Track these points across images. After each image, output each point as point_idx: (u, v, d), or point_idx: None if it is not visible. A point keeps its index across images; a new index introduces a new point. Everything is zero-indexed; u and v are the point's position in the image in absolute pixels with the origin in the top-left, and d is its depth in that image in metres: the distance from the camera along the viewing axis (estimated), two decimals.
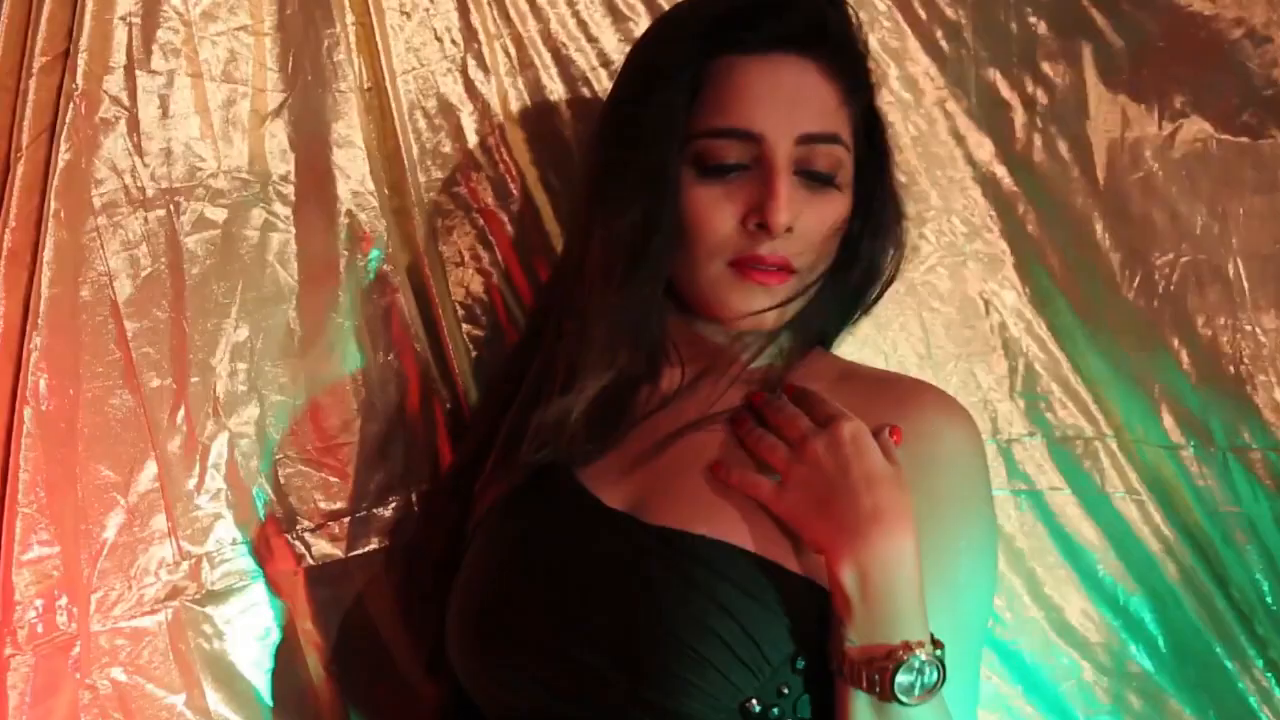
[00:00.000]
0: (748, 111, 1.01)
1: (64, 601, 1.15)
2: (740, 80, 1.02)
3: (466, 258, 1.32)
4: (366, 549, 1.27)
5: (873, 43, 1.21)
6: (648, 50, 1.11)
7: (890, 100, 1.27)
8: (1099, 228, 1.25)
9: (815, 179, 1.03)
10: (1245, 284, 1.21)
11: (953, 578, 0.99)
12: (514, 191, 1.32)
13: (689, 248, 1.03)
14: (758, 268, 1.02)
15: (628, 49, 1.28)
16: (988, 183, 1.29)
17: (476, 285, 1.32)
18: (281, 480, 1.25)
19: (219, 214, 1.22)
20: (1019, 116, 1.27)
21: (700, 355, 1.10)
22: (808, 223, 1.03)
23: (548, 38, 1.30)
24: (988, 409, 1.30)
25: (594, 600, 0.97)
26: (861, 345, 1.27)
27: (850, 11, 1.08)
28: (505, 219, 1.32)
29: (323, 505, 1.26)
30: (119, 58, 1.16)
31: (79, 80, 1.14)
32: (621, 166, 1.04)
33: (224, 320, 1.22)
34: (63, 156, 1.14)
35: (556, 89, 1.30)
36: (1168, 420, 1.25)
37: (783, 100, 1.02)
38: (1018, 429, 1.30)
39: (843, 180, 1.05)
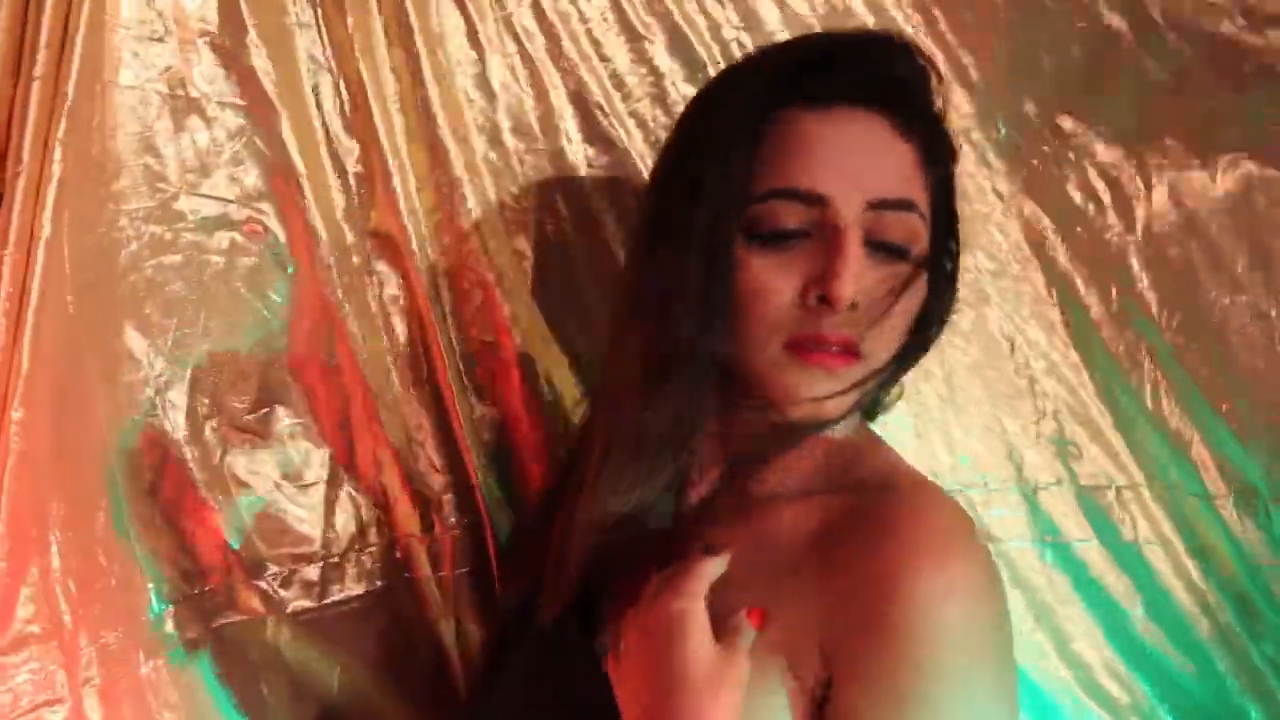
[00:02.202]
0: (811, 170, 0.89)
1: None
2: (803, 136, 0.90)
3: (472, 288, 1.24)
4: (343, 596, 1.20)
5: None
6: (702, 108, 1.00)
7: None
8: (1135, 267, 1.19)
9: (887, 251, 0.91)
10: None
11: None
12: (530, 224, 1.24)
13: (742, 325, 0.91)
14: (818, 349, 0.90)
15: (643, 70, 1.22)
16: (1015, 217, 1.23)
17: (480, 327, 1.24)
18: (248, 523, 1.18)
19: (202, 236, 1.15)
20: (1050, 149, 1.21)
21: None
22: (876, 300, 0.91)
23: (558, 57, 1.22)
24: (1013, 455, 1.24)
25: None
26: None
27: (929, 68, 0.97)
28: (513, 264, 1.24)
29: (292, 550, 1.19)
30: (110, 70, 1.09)
31: (70, 91, 1.06)
32: (669, 236, 0.93)
33: (189, 350, 1.15)
34: (54, 171, 1.06)
35: (566, 112, 1.23)
36: (1206, 468, 1.18)
37: (851, 159, 0.90)
38: (1044, 476, 1.24)
39: (918, 254, 0.92)
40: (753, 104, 0.92)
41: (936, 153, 0.96)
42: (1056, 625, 1.23)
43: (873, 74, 0.93)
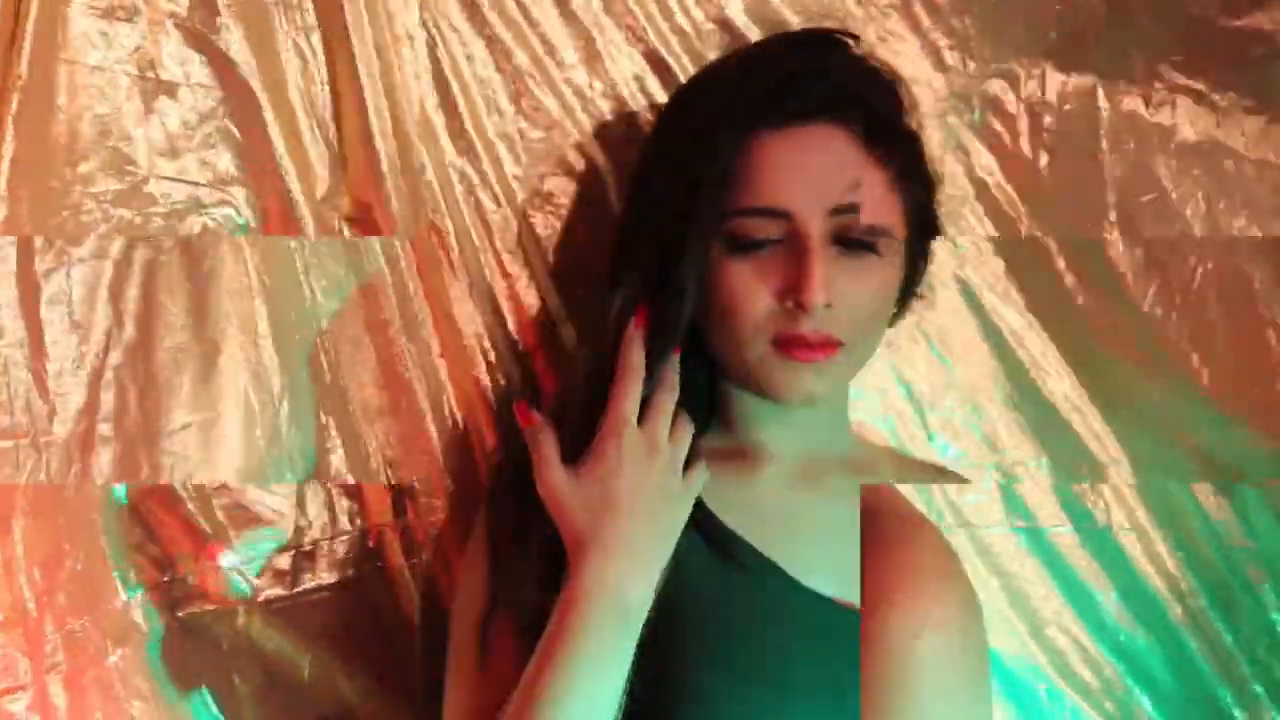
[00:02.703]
0: (775, 189, 0.96)
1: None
2: (767, 156, 0.97)
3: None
4: (315, 584, 1.20)
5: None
6: (683, 119, 1.04)
7: None
8: (1111, 246, 1.20)
9: (856, 246, 0.98)
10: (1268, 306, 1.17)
11: None
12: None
13: (730, 329, 0.98)
14: (801, 345, 0.97)
15: (621, 50, 1.21)
16: (991, 200, 1.23)
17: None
18: (218, 512, 1.17)
19: (162, 222, 1.14)
20: (1025, 130, 1.22)
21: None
22: (850, 295, 0.97)
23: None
24: (988, 439, 1.24)
25: None
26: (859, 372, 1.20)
27: (884, 76, 1.03)
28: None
29: (265, 540, 1.18)
30: (76, 50, 1.08)
31: (24, 70, 1.05)
32: (649, 250, 1.00)
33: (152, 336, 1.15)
34: (5, 151, 1.06)
35: (541, 91, 1.21)
36: (1183, 449, 1.19)
37: (811, 172, 0.97)
38: (1019, 460, 1.24)
39: (886, 248, 0.99)
40: (726, 137, 0.97)
41: (897, 150, 1.00)
42: (1031, 610, 1.23)
43: (822, 90, 0.98)
